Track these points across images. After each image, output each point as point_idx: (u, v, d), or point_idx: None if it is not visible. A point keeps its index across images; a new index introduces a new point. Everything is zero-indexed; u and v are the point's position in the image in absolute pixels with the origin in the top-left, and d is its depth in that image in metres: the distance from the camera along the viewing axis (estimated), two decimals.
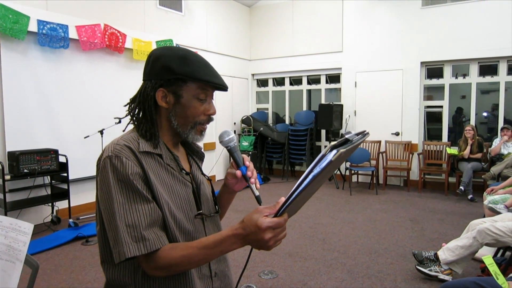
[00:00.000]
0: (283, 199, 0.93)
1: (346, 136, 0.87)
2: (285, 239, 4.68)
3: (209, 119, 1.18)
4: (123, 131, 1.21)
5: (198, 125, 1.15)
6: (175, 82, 1.10)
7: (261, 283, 3.33)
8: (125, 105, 1.20)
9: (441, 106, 7.22)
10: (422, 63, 7.16)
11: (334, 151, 0.80)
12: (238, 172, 1.16)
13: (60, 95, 5.20)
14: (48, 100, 5.08)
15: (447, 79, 7.11)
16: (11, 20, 4.53)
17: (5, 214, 4.37)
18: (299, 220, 5.13)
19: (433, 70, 7.27)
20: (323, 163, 0.81)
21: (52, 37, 4.99)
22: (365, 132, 0.95)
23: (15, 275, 1.35)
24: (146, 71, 1.15)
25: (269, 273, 3.51)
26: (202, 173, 1.30)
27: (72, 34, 5.20)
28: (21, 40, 4.68)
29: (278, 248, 4.12)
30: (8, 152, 4.60)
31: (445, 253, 3.15)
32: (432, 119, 7.53)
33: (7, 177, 4.46)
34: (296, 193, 0.86)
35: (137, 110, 1.16)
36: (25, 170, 4.52)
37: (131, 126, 1.20)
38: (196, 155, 1.32)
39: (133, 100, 1.18)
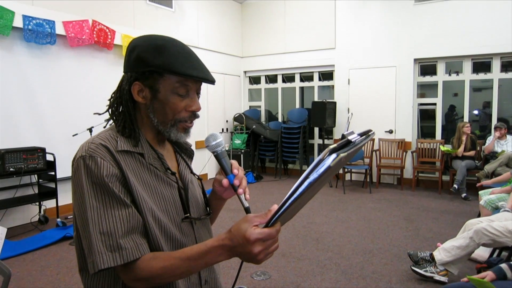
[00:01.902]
0: (275, 207, 0.83)
1: (349, 138, 0.76)
2: (279, 238, 4.58)
3: (193, 116, 1.06)
4: (104, 127, 1.10)
5: (180, 123, 1.03)
6: (150, 75, 0.99)
7: (253, 284, 3.25)
8: (109, 99, 1.10)
9: (435, 104, 7.18)
10: (415, 60, 7.12)
11: (334, 156, 0.70)
12: (225, 181, 1.05)
13: (47, 92, 5.07)
14: (35, 97, 4.94)
15: (441, 76, 7.07)
16: None
17: None
18: (292, 220, 5.04)
19: (427, 67, 7.23)
20: (321, 169, 0.71)
21: (38, 33, 4.85)
22: (370, 133, 0.84)
23: None
24: (124, 63, 1.05)
25: (262, 274, 3.44)
26: (192, 172, 1.20)
27: (59, 30, 5.07)
28: (5, 36, 4.55)
29: None
30: None
31: (441, 254, 3.09)
32: (426, 116, 7.50)
33: None
34: (290, 201, 0.77)
35: (115, 105, 1.06)
36: (11, 169, 4.40)
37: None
38: (185, 153, 1.22)
39: (114, 94, 1.09)
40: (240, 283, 3.25)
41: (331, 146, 0.73)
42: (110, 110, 1.08)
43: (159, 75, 0.98)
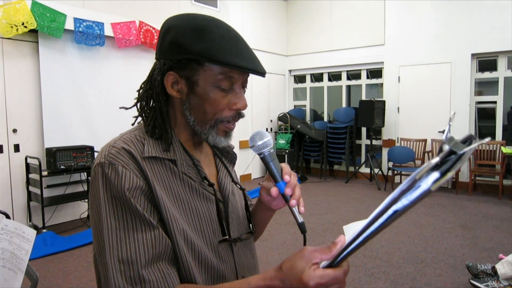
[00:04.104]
0: (343, 239, 0.65)
1: (452, 148, 0.51)
2: (323, 242, 4.42)
3: (237, 115, 0.87)
4: (132, 124, 0.93)
5: (221, 124, 0.85)
6: (188, 64, 0.81)
7: None
8: (138, 90, 0.92)
9: (494, 102, 6.65)
10: (473, 55, 6.62)
11: (436, 175, 0.49)
12: (274, 190, 0.85)
13: (96, 92, 5.22)
14: (85, 97, 5.10)
15: (502, 72, 6.52)
16: (49, 18, 4.56)
17: (42, 210, 4.45)
18: (337, 223, 4.86)
19: (486, 63, 6.71)
20: (415, 193, 0.51)
21: (88, 35, 5.00)
22: (474, 140, 0.56)
23: (16, 286, 1.23)
24: (156, 47, 0.88)
25: None
26: (233, 181, 1.01)
27: (108, 31, 5.19)
28: (58, 38, 4.71)
29: None
30: (46, 149, 4.67)
31: (504, 267, 2.79)
32: (484, 116, 6.96)
33: (44, 173, 4.52)
34: (366, 233, 0.59)
35: (146, 99, 0.89)
36: (62, 167, 4.56)
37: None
38: (226, 157, 1.03)
39: (143, 85, 0.91)
40: None
41: (433, 161, 0.50)
42: (138, 105, 0.90)
43: (198, 64, 0.81)
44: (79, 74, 5.03)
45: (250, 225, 0.99)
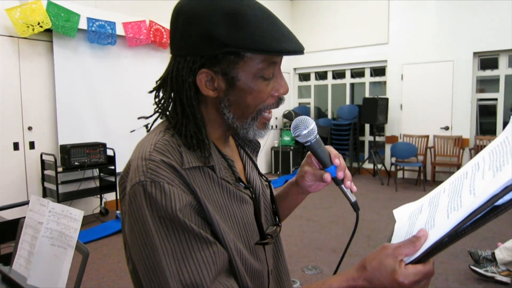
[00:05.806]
0: (425, 233, 0.63)
1: None
2: (329, 234, 4.60)
3: (279, 101, 0.81)
4: (148, 130, 0.90)
5: (261, 115, 0.78)
6: (224, 58, 0.70)
7: (304, 278, 3.27)
8: (151, 91, 0.82)
9: (495, 99, 6.78)
10: (475, 53, 6.75)
11: None
12: (327, 176, 0.83)
13: (108, 90, 5.36)
14: (97, 95, 5.24)
15: (503, 70, 6.65)
16: (63, 18, 4.69)
17: None
18: (343, 216, 5.01)
19: (487, 61, 6.84)
20: None
21: (101, 34, 5.14)
22: None
23: (67, 261, 1.38)
24: (175, 39, 0.75)
25: (313, 268, 3.45)
26: (259, 173, 0.95)
27: (119, 30, 5.33)
28: (72, 38, 4.84)
29: (322, 243, 4.05)
30: (60, 145, 4.79)
31: (502, 253, 2.94)
32: (485, 113, 7.10)
33: (60, 169, 4.64)
34: (461, 228, 0.57)
35: (170, 102, 0.78)
36: (76, 163, 4.68)
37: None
38: (249, 146, 0.97)
39: (161, 85, 0.79)
40: (291, 277, 3.28)
41: None
42: (160, 108, 0.80)
43: (237, 56, 0.70)
44: (92, 73, 5.18)
45: (277, 217, 0.94)
